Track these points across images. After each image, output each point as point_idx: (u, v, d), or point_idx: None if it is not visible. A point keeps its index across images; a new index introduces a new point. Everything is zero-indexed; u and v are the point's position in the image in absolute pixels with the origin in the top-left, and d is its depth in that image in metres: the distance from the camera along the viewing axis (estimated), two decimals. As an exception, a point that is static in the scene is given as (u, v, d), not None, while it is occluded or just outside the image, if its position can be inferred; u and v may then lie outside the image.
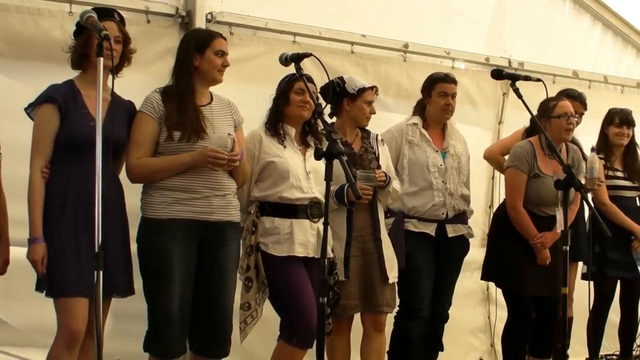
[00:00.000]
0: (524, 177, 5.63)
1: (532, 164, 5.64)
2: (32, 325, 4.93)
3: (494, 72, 5.02)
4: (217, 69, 4.49)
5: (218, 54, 4.49)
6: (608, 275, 6.37)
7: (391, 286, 5.18)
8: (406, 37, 6.58)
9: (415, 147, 5.58)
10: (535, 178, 5.62)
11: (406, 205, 5.52)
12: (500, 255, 5.78)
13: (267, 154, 4.75)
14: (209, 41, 4.52)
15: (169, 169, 4.35)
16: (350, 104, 5.20)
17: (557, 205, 5.35)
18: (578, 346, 6.55)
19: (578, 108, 6.18)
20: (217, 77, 4.52)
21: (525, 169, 5.63)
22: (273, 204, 4.73)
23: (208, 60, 4.47)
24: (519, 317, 5.74)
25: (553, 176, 5.53)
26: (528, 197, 5.64)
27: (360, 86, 5.21)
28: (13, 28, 4.94)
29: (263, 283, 4.67)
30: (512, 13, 7.35)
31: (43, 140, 4.16)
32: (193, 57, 4.47)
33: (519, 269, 5.61)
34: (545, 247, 5.57)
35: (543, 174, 5.62)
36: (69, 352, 4.09)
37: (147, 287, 4.36)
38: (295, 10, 6.00)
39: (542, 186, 5.60)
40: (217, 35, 4.60)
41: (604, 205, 6.32)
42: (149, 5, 5.34)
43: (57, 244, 4.09)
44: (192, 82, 4.47)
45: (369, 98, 5.22)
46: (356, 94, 5.18)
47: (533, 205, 5.65)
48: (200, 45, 4.50)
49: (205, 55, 4.47)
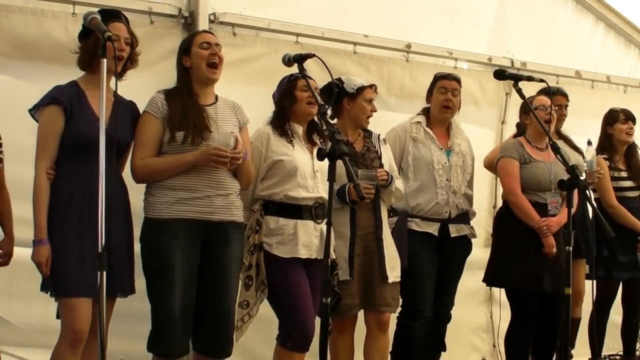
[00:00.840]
0: (516, 162, 5.68)
1: (522, 152, 5.70)
2: (36, 325, 4.94)
3: (496, 73, 5.02)
4: (205, 60, 4.47)
5: (203, 46, 4.49)
6: (614, 278, 6.37)
7: (392, 286, 5.17)
8: (409, 37, 6.59)
9: (420, 145, 5.58)
10: (527, 164, 5.67)
11: (410, 204, 5.52)
12: (503, 254, 5.76)
13: (275, 152, 4.76)
14: (191, 39, 4.57)
15: (173, 168, 4.35)
16: (351, 103, 5.21)
17: (551, 190, 5.52)
18: (581, 346, 6.55)
19: (561, 100, 6.24)
20: (208, 74, 4.48)
21: (515, 156, 5.69)
22: (278, 204, 4.74)
23: (195, 56, 4.48)
24: (522, 317, 5.72)
25: (546, 162, 5.62)
26: (525, 183, 5.65)
27: (359, 85, 5.22)
28: (16, 29, 4.96)
29: (262, 282, 4.67)
30: (515, 13, 7.35)
31: (48, 141, 4.16)
32: (184, 60, 4.50)
33: (523, 266, 5.58)
34: (552, 231, 5.54)
35: (534, 159, 5.67)
36: (72, 352, 4.09)
37: (150, 287, 4.37)
38: (297, 10, 6.02)
39: (536, 169, 5.65)
40: (201, 31, 4.67)
41: (612, 207, 6.33)
42: (152, 6, 5.36)
43: (61, 244, 4.09)
44: (190, 84, 4.49)
45: (368, 96, 5.23)
46: (355, 93, 5.20)
47: (531, 191, 5.65)
48: (185, 46, 4.55)
49: (191, 53, 4.49)
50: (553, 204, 5.60)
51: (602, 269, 6.28)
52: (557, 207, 5.61)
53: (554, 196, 5.60)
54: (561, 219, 5.54)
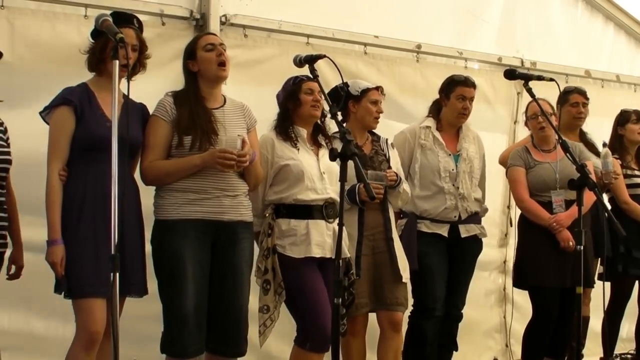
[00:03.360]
0: (522, 170, 5.78)
1: (527, 158, 5.78)
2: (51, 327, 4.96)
3: (507, 72, 5.03)
4: (213, 63, 4.48)
5: (207, 47, 4.50)
6: (630, 275, 6.36)
7: (403, 285, 5.17)
8: (419, 37, 6.61)
9: (428, 151, 5.56)
10: (532, 168, 5.74)
11: (418, 208, 5.53)
12: (526, 255, 5.79)
13: (281, 157, 4.76)
14: (195, 43, 4.57)
15: (181, 171, 4.36)
16: (356, 106, 5.20)
17: (556, 188, 5.61)
18: (593, 345, 6.54)
19: (577, 99, 6.24)
20: (218, 72, 4.50)
21: (521, 164, 5.79)
22: (288, 206, 4.73)
23: (200, 59, 4.49)
24: (544, 315, 5.72)
25: (551, 162, 5.68)
26: (532, 185, 5.73)
27: (364, 87, 5.22)
28: (29, 32, 4.98)
29: (280, 285, 4.66)
30: (524, 13, 7.36)
31: (60, 142, 4.17)
32: (190, 65, 4.52)
33: (545, 264, 5.61)
34: (563, 226, 5.57)
35: (539, 162, 5.74)
36: (87, 354, 4.10)
37: (162, 288, 4.38)
38: (308, 11, 6.03)
39: (541, 170, 5.72)
40: (202, 34, 4.67)
41: (626, 204, 6.34)
42: (163, 8, 5.40)
43: (75, 246, 4.10)
44: (198, 88, 4.50)
45: (373, 97, 5.21)
46: (360, 95, 5.19)
47: (539, 193, 5.71)
48: (190, 50, 4.55)
49: (197, 57, 4.50)
50: (557, 202, 5.63)
51: (619, 265, 6.28)
52: (562, 205, 5.62)
53: (558, 194, 5.63)
54: (572, 212, 5.53)
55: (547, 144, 5.81)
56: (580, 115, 6.25)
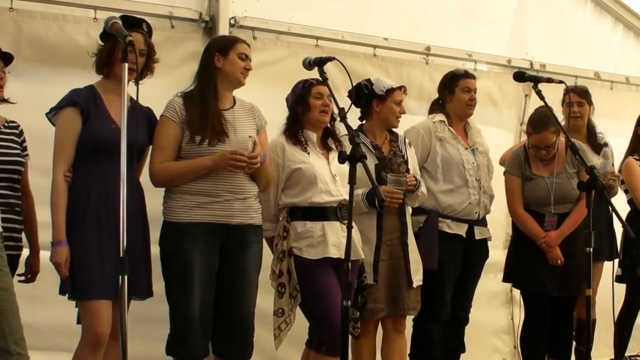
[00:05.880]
0: (518, 180, 5.69)
1: (524, 168, 5.69)
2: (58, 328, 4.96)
3: (516, 75, 5.03)
4: (240, 71, 4.52)
5: (241, 56, 4.52)
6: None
7: (415, 290, 5.17)
8: (428, 39, 6.60)
9: (447, 145, 5.54)
10: (529, 181, 5.66)
11: (441, 204, 5.48)
12: (517, 257, 5.78)
13: (292, 161, 4.76)
14: (233, 44, 4.57)
15: (191, 173, 4.37)
16: (380, 105, 5.18)
17: (551, 204, 5.55)
18: (601, 347, 6.52)
19: (573, 98, 6.15)
20: (240, 78, 4.54)
21: (517, 173, 5.70)
22: (303, 209, 4.73)
23: (231, 62, 4.51)
24: (534, 317, 5.73)
25: (547, 177, 5.60)
26: (526, 199, 5.68)
27: (388, 87, 5.19)
28: (38, 34, 5.00)
29: (295, 288, 4.64)
30: (534, 15, 7.34)
31: (66, 143, 4.19)
32: (216, 59, 4.50)
33: (535, 270, 5.60)
34: (552, 246, 5.54)
35: (535, 176, 5.65)
36: (93, 356, 4.12)
37: (169, 290, 4.39)
38: (317, 14, 6.03)
39: (536, 187, 5.63)
40: (241, 41, 4.65)
41: None
42: (172, 11, 5.39)
43: (80, 247, 4.11)
44: (215, 85, 4.50)
45: (397, 98, 5.20)
46: (385, 95, 5.17)
47: (535, 206, 5.67)
48: (224, 47, 4.54)
49: (228, 57, 4.51)
50: (550, 222, 5.61)
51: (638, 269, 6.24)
52: (554, 226, 5.60)
53: (552, 216, 5.60)
54: (562, 231, 5.55)
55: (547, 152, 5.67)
56: (574, 115, 6.19)
